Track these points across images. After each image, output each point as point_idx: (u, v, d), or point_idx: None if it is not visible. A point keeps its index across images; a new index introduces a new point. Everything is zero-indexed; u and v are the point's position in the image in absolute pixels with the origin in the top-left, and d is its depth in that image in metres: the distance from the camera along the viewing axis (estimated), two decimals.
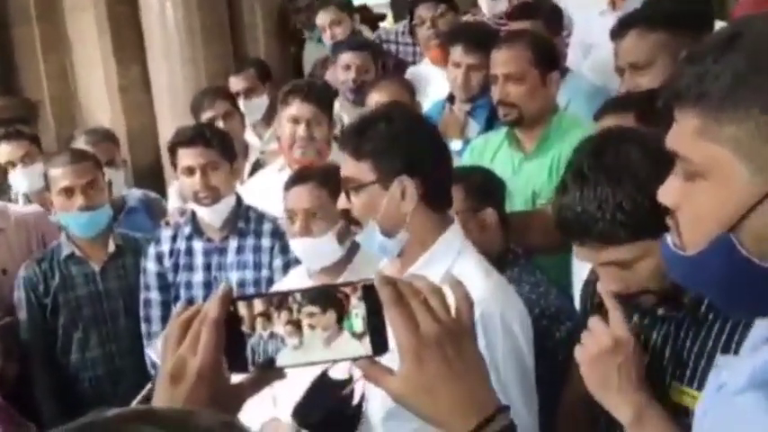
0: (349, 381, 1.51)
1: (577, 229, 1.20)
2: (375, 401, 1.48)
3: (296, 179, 1.99)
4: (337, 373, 1.51)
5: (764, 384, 0.72)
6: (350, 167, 1.54)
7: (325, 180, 1.89)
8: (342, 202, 1.57)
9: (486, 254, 1.65)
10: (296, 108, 2.60)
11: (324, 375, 1.53)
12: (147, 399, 2.10)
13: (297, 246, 1.98)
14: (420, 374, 0.75)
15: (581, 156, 1.24)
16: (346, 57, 3.39)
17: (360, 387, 1.49)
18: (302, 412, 1.57)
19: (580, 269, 1.98)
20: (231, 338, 0.80)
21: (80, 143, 2.93)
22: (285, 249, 2.34)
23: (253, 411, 1.82)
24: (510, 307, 1.50)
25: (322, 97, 2.68)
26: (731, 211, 0.71)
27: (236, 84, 3.48)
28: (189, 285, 2.41)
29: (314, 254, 1.96)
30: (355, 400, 1.51)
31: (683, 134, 0.74)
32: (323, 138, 2.64)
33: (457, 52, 2.82)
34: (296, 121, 2.60)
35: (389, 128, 1.51)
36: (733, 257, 0.72)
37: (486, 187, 2.09)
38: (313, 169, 2.08)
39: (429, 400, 0.76)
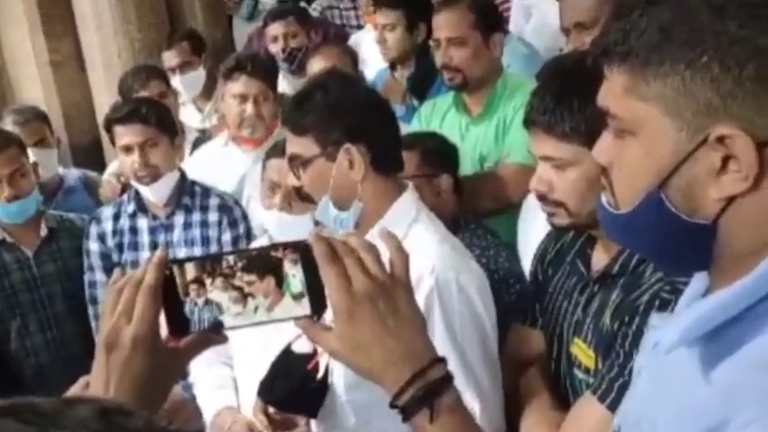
0: (313, 354, 1.48)
1: (530, 115, 1.36)
2: (338, 372, 1.48)
3: (284, 151, 1.93)
4: (301, 346, 1.49)
5: (696, 341, 0.72)
6: (294, 144, 1.50)
7: None
8: (292, 180, 1.55)
9: (439, 219, 1.63)
10: (242, 85, 2.54)
11: (288, 350, 1.51)
12: None
13: (271, 218, 1.91)
14: (353, 331, 0.78)
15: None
16: (272, 28, 3.37)
17: (325, 359, 1.48)
18: (267, 388, 1.55)
19: (525, 233, 2.01)
20: (169, 303, 0.80)
21: (7, 123, 2.79)
22: (234, 223, 2.30)
23: (213, 397, 1.82)
24: (467, 272, 1.47)
25: (267, 71, 2.63)
26: (660, 169, 0.71)
27: (170, 59, 3.34)
28: (135, 264, 2.34)
29: (288, 230, 1.89)
30: (320, 373, 1.49)
31: (612, 91, 0.73)
32: (270, 113, 2.59)
33: (377, 14, 2.86)
34: (243, 98, 2.54)
35: (326, 97, 1.47)
36: (663, 214, 0.72)
37: (441, 153, 2.09)
38: None
39: (363, 355, 0.78)
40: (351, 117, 1.47)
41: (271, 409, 1.59)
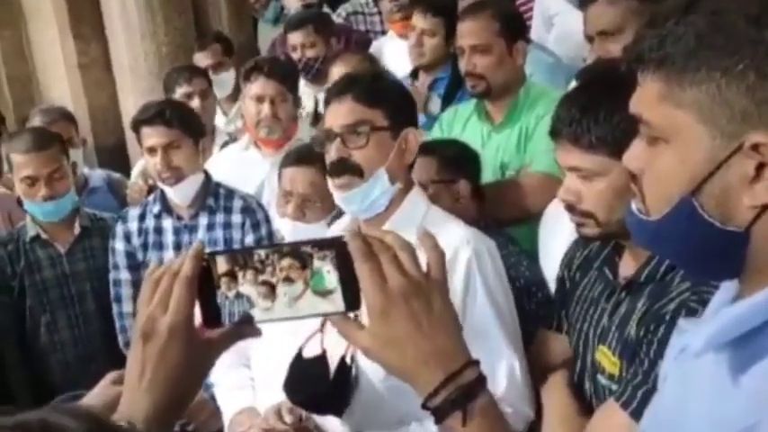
0: (323, 356, 1.51)
1: (556, 126, 1.36)
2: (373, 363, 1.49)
3: (298, 160, 1.92)
4: (311, 350, 1.51)
5: (724, 346, 0.72)
6: (361, 113, 1.53)
7: None
8: (341, 151, 1.53)
9: None
10: (259, 86, 2.57)
11: (299, 355, 1.53)
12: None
13: (286, 226, 1.94)
14: (387, 330, 0.76)
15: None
16: (290, 38, 3.41)
17: (350, 352, 1.49)
18: (290, 390, 1.57)
19: (546, 241, 2.01)
20: (204, 294, 0.80)
21: (35, 123, 2.87)
22: (256, 226, 2.32)
23: (233, 398, 1.83)
24: (491, 244, 1.62)
25: (286, 74, 2.65)
26: (693, 176, 0.71)
27: (202, 60, 3.44)
28: (159, 264, 2.37)
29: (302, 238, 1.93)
30: (331, 373, 1.50)
31: (646, 98, 0.74)
32: (288, 115, 2.61)
33: (415, 17, 2.85)
34: (260, 99, 2.57)
35: (395, 83, 1.64)
36: (695, 221, 0.72)
37: (460, 159, 2.10)
38: (316, 153, 2.04)
39: (396, 354, 0.77)
40: (413, 107, 1.64)
41: (285, 417, 1.59)
